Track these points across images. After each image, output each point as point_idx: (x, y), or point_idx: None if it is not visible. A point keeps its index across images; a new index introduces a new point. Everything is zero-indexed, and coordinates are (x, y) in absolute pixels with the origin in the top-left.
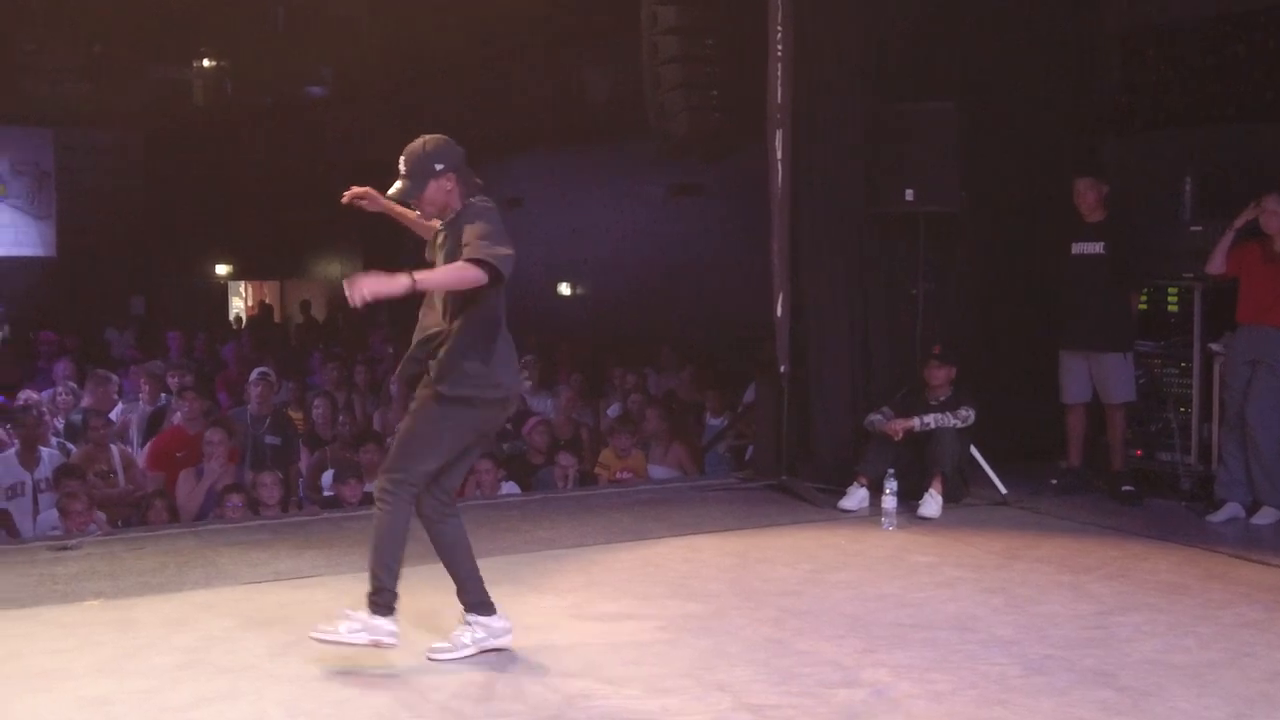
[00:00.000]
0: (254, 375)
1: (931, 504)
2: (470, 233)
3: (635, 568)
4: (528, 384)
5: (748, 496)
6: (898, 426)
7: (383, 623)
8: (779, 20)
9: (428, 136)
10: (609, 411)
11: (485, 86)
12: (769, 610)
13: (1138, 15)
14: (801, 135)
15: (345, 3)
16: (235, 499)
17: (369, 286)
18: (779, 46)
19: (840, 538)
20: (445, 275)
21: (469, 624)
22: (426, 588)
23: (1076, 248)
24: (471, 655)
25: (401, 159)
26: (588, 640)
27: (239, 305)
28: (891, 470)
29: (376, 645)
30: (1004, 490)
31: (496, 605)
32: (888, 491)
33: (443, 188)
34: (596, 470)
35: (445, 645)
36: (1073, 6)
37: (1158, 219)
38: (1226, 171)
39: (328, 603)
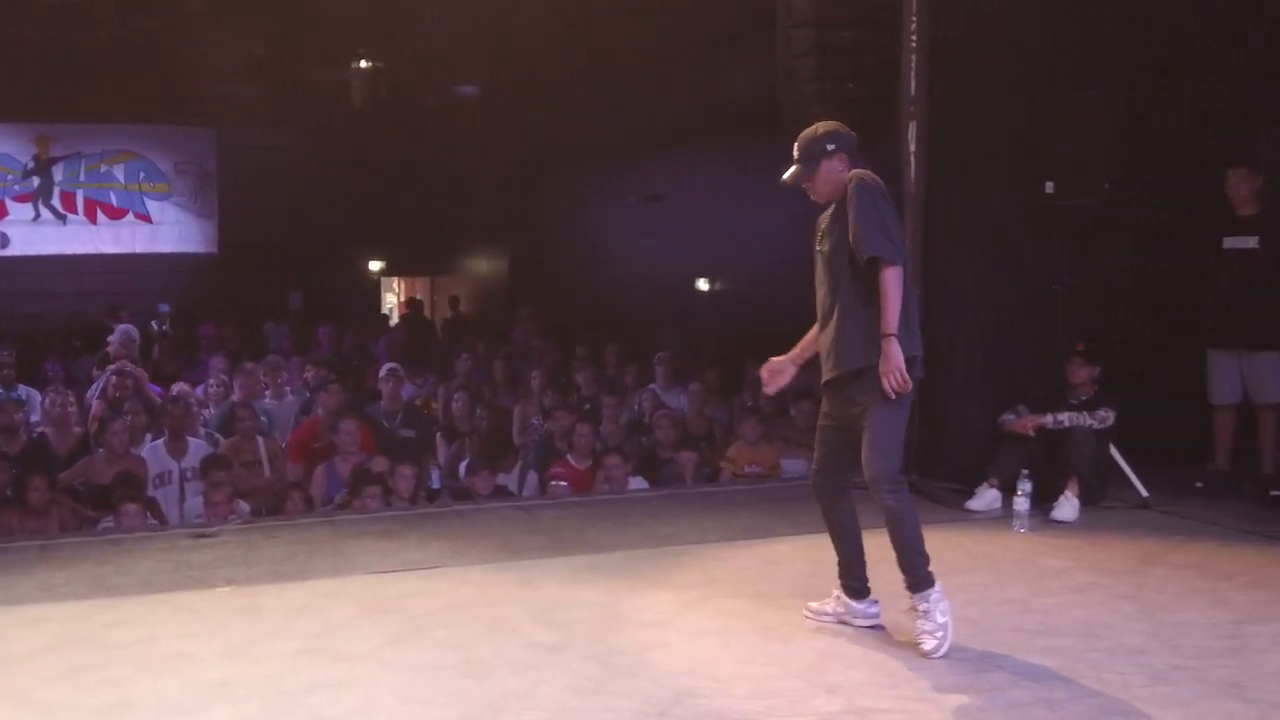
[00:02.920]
0: (383, 371)
1: (1066, 506)
2: (854, 217)
3: (755, 566)
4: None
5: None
6: (1029, 423)
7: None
8: (914, 10)
9: (820, 123)
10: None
11: (630, 82)
12: (888, 613)
13: None
14: (937, 127)
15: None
16: (372, 490)
17: (898, 379)
18: (913, 37)
19: (968, 540)
20: (893, 308)
21: (836, 599)
22: (551, 580)
23: (1229, 242)
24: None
25: (795, 145)
26: (701, 637)
27: (392, 301)
28: (1025, 471)
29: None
30: (1145, 493)
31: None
32: (1020, 493)
33: (834, 169)
34: (722, 465)
35: (816, 606)
36: None
37: None
38: None
39: (449, 593)
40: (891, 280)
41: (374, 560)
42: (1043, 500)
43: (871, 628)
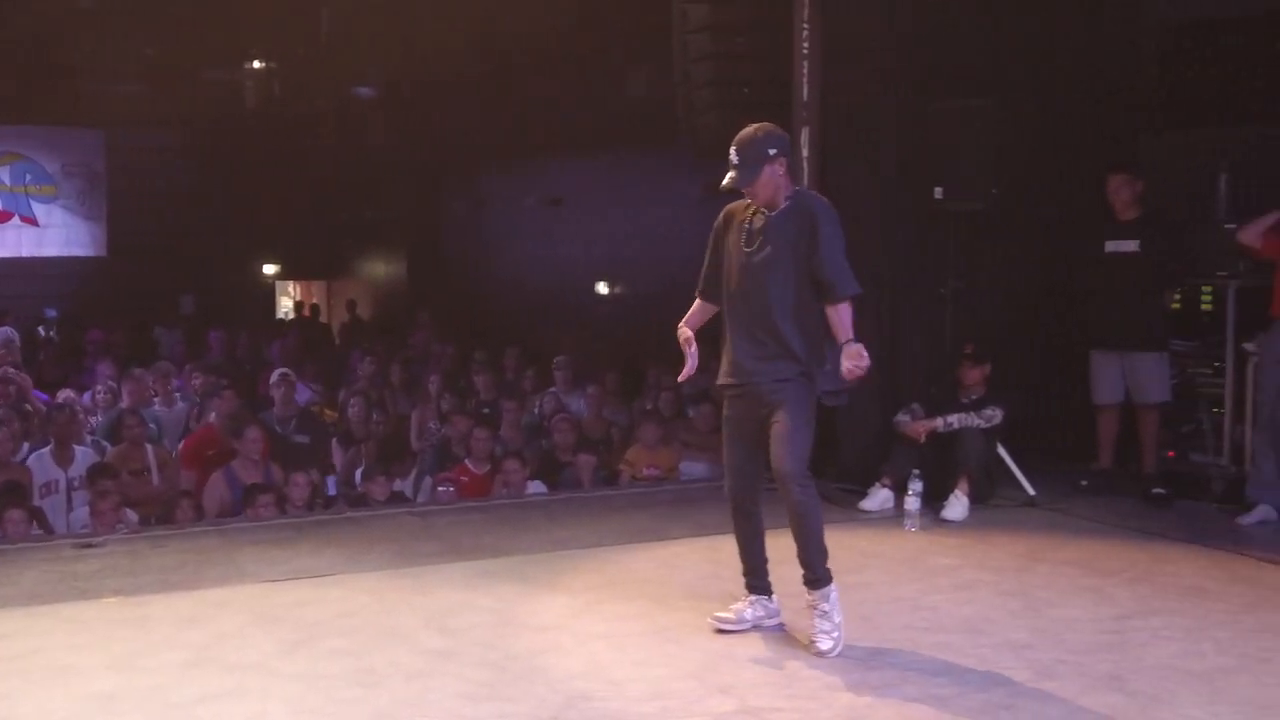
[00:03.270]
0: (274, 377)
1: (956, 506)
2: (826, 247)
3: (651, 568)
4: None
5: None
6: (920, 428)
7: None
8: (805, 17)
9: (757, 124)
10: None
11: (529, 87)
12: (783, 613)
13: (1176, 10)
14: (830, 133)
15: (391, 5)
16: (265, 498)
17: (859, 369)
18: (805, 44)
19: (861, 539)
20: (847, 322)
21: (752, 603)
22: (445, 586)
23: (1110, 245)
24: (746, 630)
25: (732, 148)
26: (596, 640)
27: (287, 305)
28: (916, 471)
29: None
30: (1032, 491)
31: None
32: (911, 493)
33: (775, 173)
34: (620, 467)
35: (729, 615)
36: (1116, 1)
37: (1192, 216)
38: (1262, 170)
39: (342, 600)
40: (850, 308)
41: (266, 569)
42: (934, 499)
43: (772, 628)
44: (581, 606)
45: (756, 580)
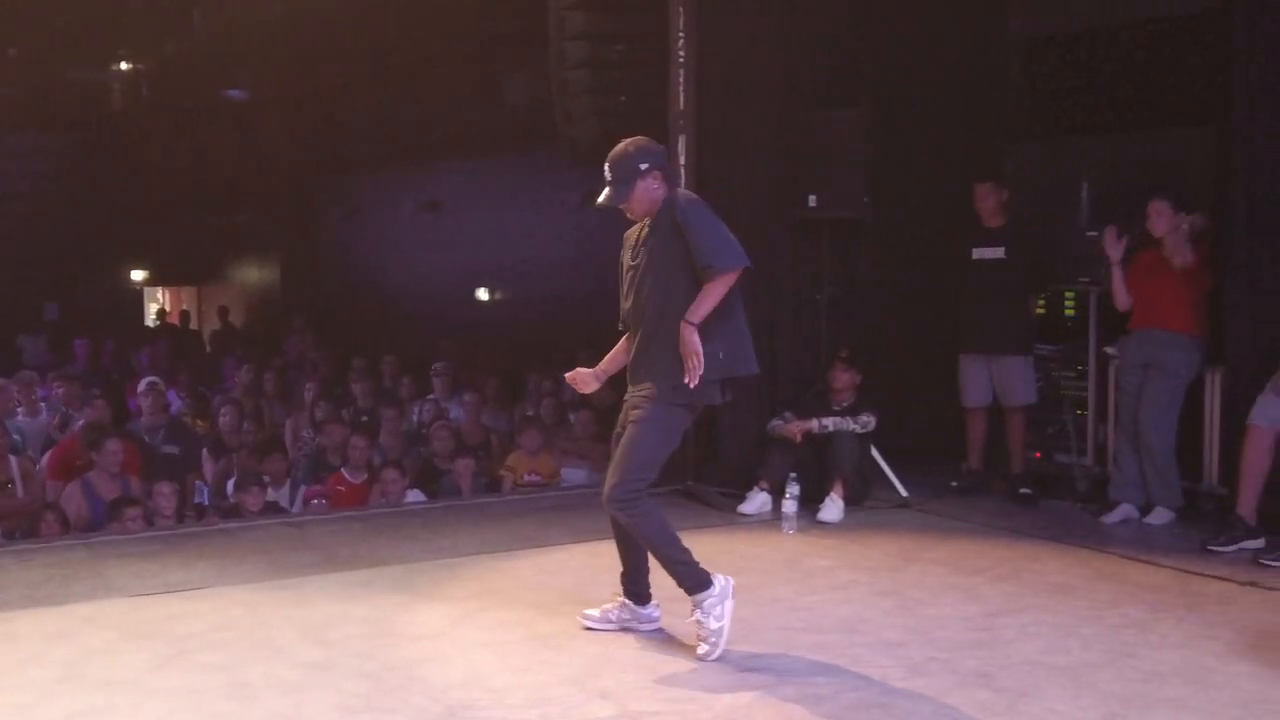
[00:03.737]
0: (142, 386)
1: (832, 508)
2: (694, 234)
3: (532, 575)
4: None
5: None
6: (796, 429)
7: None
8: (680, 26)
9: (628, 139)
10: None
11: (407, 89)
12: (664, 616)
13: (1040, 22)
14: (706, 141)
15: (263, 6)
16: (133, 511)
17: (696, 362)
18: (681, 53)
19: (739, 542)
20: (706, 304)
21: (621, 605)
22: (321, 598)
23: (977, 252)
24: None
25: (606, 165)
26: (476, 649)
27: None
28: (794, 475)
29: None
30: (905, 493)
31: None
32: (788, 496)
33: (649, 187)
34: (501, 472)
35: (594, 613)
36: (978, 14)
37: (1056, 224)
38: (1122, 177)
39: (214, 614)
40: (721, 285)
41: (135, 583)
42: (810, 502)
43: (651, 632)
44: (461, 615)
45: (629, 584)
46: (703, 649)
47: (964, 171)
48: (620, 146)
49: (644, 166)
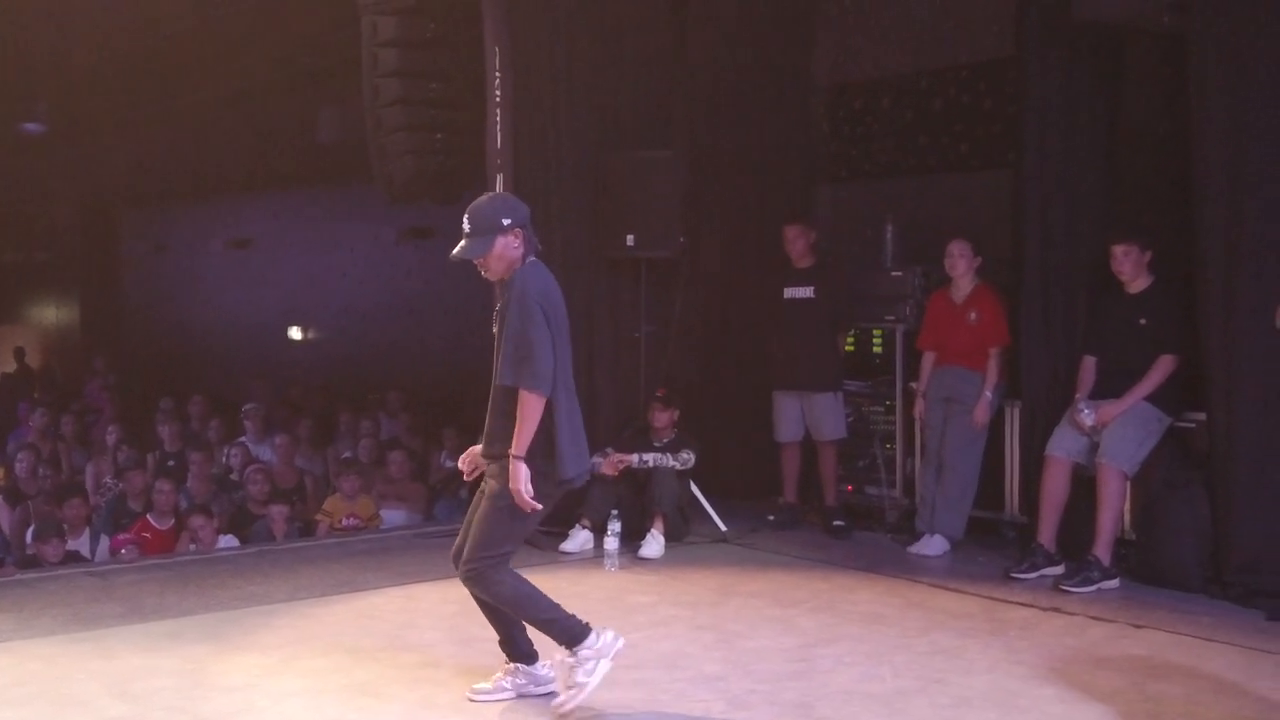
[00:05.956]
0: None
1: (653, 544)
2: (507, 338)
3: (349, 620)
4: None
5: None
6: (615, 459)
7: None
8: (497, 65)
9: (492, 193)
10: (345, 458)
11: (215, 123)
12: (484, 659)
13: (846, 69)
14: (524, 180)
15: (59, 35)
16: None
17: (522, 499)
18: (498, 92)
19: (562, 580)
20: (525, 432)
21: (511, 671)
22: (127, 650)
23: (788, 292)
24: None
25: (465, 217)
26: (290, 698)
27: None
28: (615, 512)
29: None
30: (724, 527)
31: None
32: (610, 533)
33: (510, 244)
34: (318, 517)
35: (486, 686)
36: (784, 60)
37: (862, 264)
38: (923, 218)
39: (12, 669)
40: (530, 405)
41: None
42: (632, 539)
43: (545, 695)
44: (276, 664)
45: (509, 649)
46: (560, 697)
47: (774, 212)
48: (484, 198)
49: (506, 222)
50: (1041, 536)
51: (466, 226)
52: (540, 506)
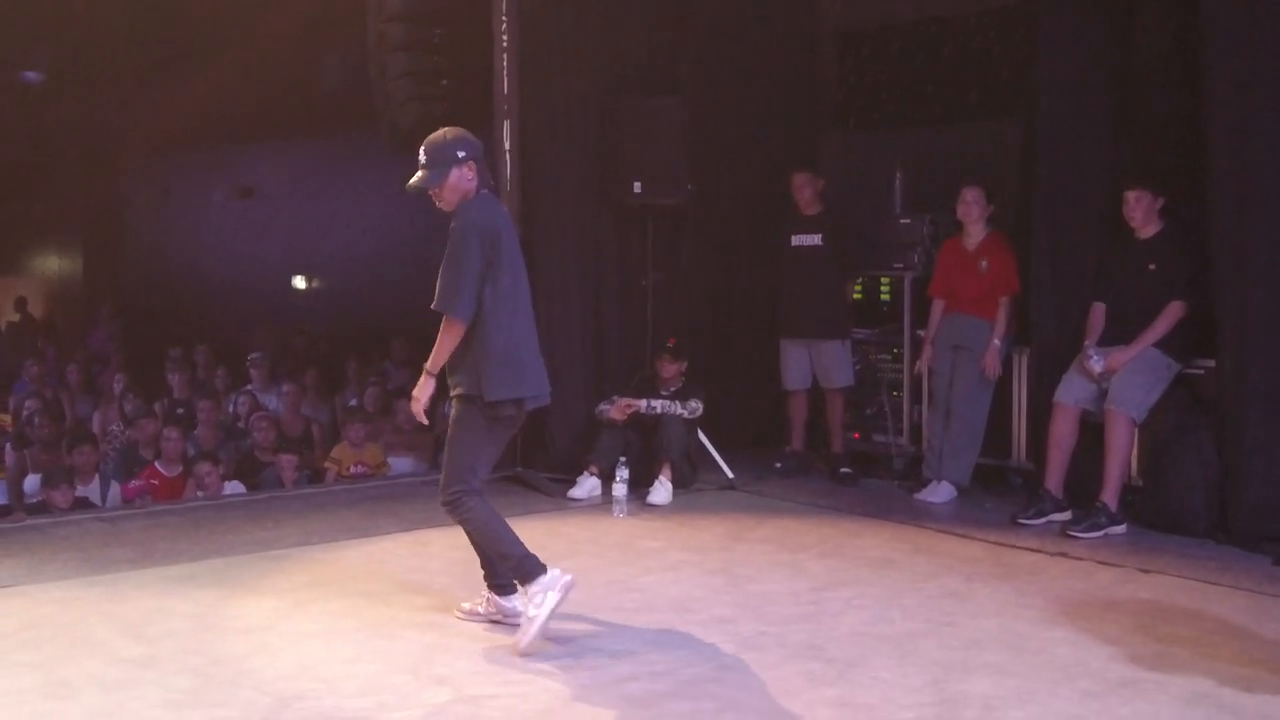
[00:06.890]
0: None
1: (661, 491)
2: (443, 261)
3: (361, 565)
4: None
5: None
6: (623, 404)
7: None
8: (503, 10)
9: (447, 128)
10: (351, 405)
11: (218, 71)
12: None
13: (854, 16)
14: (530, 127)
15: None
16: None
17: (421, 406)
18: (504, 37)
19: (571, 526)
20: (439, 352)
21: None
22: (139, 593)
23: (796, 239)
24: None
25: (421, 149)
26: (305, 640)
27: None
28: (623, 459)
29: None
30: (731, 475)
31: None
32: (618, 480)
33: (464, 176)
34: (326, 465)
35: (468, 607)
36: (795, 7)
37: (871, 212)
38: (932, 167)
39: (26, 612)
40: (448, 329)
41: None
42: (640, 486)
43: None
44: (289, 607)
45: (490, 577)
46: (517, 636)
47: (782, 161)
48: (439, 132)
49: (461, 154)
50: (1049, 483)
51: (423, 158)
52: (425, 422)
